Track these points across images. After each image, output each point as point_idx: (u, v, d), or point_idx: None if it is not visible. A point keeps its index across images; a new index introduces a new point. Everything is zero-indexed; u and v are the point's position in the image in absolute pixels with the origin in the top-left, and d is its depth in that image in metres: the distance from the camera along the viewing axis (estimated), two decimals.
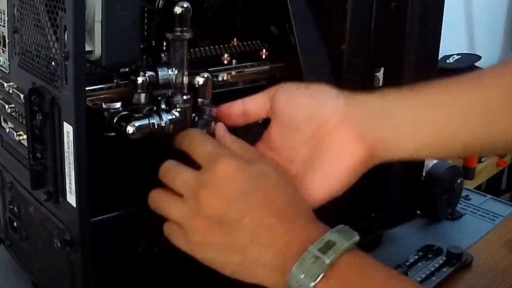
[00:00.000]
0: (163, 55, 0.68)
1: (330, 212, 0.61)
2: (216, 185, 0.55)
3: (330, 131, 0.59)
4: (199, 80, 0.62)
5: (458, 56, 1.92)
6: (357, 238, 0.54)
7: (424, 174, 0.93)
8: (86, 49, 0.56)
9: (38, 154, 0.61)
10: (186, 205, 0.56)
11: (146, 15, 0.66)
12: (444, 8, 0.79)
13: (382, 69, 0.77)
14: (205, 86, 0.62)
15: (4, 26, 0.65)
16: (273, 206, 0.55)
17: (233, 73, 0.73)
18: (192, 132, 0.61)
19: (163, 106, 0.63)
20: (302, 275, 0.51)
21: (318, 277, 0.51)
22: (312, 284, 0.51)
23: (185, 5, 0.60)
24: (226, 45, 0.74)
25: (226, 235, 0.54)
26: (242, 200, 0.54)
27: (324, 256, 0.51)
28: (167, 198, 0.58)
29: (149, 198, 0.60)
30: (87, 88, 0.58)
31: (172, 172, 0.59)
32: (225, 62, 0.73)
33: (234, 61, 0.73)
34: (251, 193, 0.55)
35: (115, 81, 0.64)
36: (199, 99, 0.62)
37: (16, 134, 0.65)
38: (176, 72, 0.62)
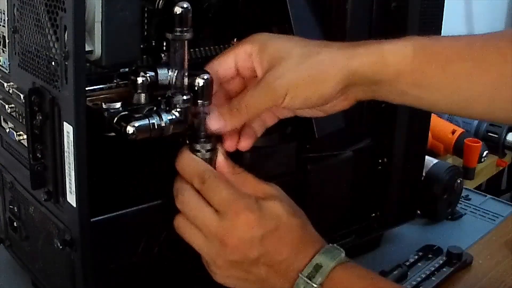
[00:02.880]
0: (163, 55, 0.68)
1: (331, 212, 0.61)
2: (238, 234, 0.60)
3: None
4: (199, 81, 0.62)
5: None
6: (342, 256, 0.61)
7: (424, 174, 0.93)
8: (86, 49, 0.56)
9: (38, 154, 0.61)
10: (208, 243, 0.62)
11: (146, 15, 0.66)
12: (444, 8, 0.79)
13: None
14: (205, 88, 0.62)
15: (4, 26, 0.65)
16: (285, 242, 0.61)
17: None
18: (203, 174, 0.62)
19: (163, 106, 0.62)
20: None
21: None
22: None
23: (185, 5, 0.60)
24: (226, 45, 0.74)
25: (245, 272, 0.62)
26: (259, 244, 0.60)
27: (312, 281, 0.59)
28: (192, 231, 0.62)
29: (175, 223, 0.63)
30: (87, 88, 0.58)
31: (193, 209, 0.62)
32: None
33: None
34: (267, 236, 0.61)
35: (115, 81, 0.64)
36: (199, 101, 0.62)
37: (16, 134, 0.65)
38: (176, 72, 0.62)
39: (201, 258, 0.64)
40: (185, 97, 0.62)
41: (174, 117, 0.62)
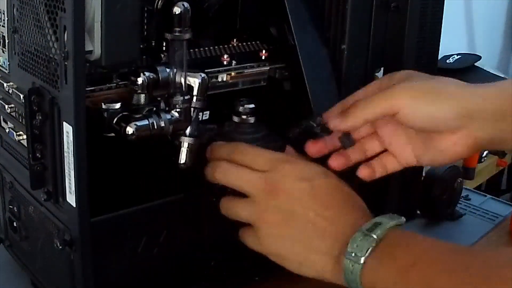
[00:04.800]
0: (163, 55, 0.68)
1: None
2: (287, 184, 0.61)
3: None
4: (195, 80, 0.62)
5: (458, 56, 1.92)
6: (403, 219, 0.59)
7: (424, 174, 0.92)
8: (86, 49, 0.56)
9: (38, 154, 0.61)
10: (256, 203, 0.61)
11: (146, 15, 0.66)
12: (444, 8, 0.79)
13: (382, 69, 0.77)
14: (201, 87, 0.62)
15: (4, 26, 0.65)
16: (333, 200, 0.61)
17: (232, 74, 0.73)
18: (241, 146, 0.64)
19: (162, 106, 0.63)
20: (353, 254, 0.56)
21: (367, 251, 0.56)
22: (363, 258, 0.56)
23: (184, 5, 0.60)
24: (225, 46, 0.74)
25: (293, 228, 0.60)
26: (309, 196, 0.60)
27: (371, 233, 0.57)
28: (237, 201, 0.63)
29: (221, 207, 0.64)
30: (87, 88, 0.58)
31: (235, 173, 0.63)
32: (225, 62, 0.73)
33: (233, 61, 0.73)
34: (316, 189, 0.61)
35: (114, 81, 0.64)
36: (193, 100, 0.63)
37: (16, 134, 0.65)
38: (175, 73, 0.62)
39: (242, 233, 0.63)
40: (184, 97, 0.62)
41: (173, 117, 0.62)
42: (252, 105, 0.70)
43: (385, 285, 0.55)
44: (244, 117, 0.70)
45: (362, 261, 0.56)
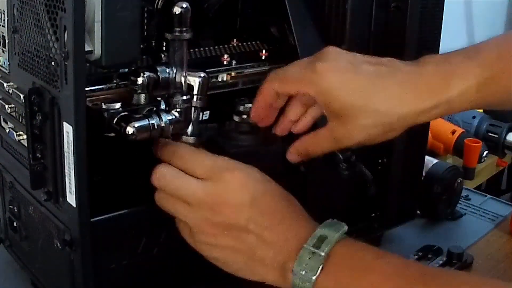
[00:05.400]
0: (163, 55, 0.68)
1: (331, 212, 0.61)
2: (227, 195, 0.59)
3: None
4: (195, 80, 0.62)
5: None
6: (345, 228, 0.59)
7: (424, 174, 0.92)
8: (86, 49, 0.56)
9: (38, 154, 0.61)
10: (193, 212, 0.60)
11: (146, 15, 0.66)
12: (444, 8, 0.79)
13: None
14: (201, 86, 0.62)
15: (4, 26, 0.65)
16: (274, 209, 0.60)
17: (232, 73, 0.73)
18: (181, 151, 0.62)
19: (162, 106, 0.63)
20: (303, 272, 0.56)
21: (317, 270, 0.56)
22: (314, 277, 0.56)
23: (184, 6, 0.60)
24: (226, 46, 0.74)
25: (233, 239, 0.59)
26: (249, 207, 0.59)
27: (319, 250, 0.56)
28: (174, 202, 0.61)
29: (157, 198, 0.62)
30: (87, 88, 0.58)
31: (173, 181, 0.61)
32: (225, 62, 0.73)
33: (234, 61, 0.73)
34: (257, 199, 0.60)
35: (114, 81, 0.64)
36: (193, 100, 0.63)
37: (16, 134, 0.65)
38: (175, 73, 0.62)
39: (184, 233, 0.62)
40: (184, 97, 0.62)
41: (173, 117, 0.62)
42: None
43: None
44: (244, 116, 0.69)
45: (313, 280, 0.56)
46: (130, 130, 0.59)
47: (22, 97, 0.62)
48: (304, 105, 0.68)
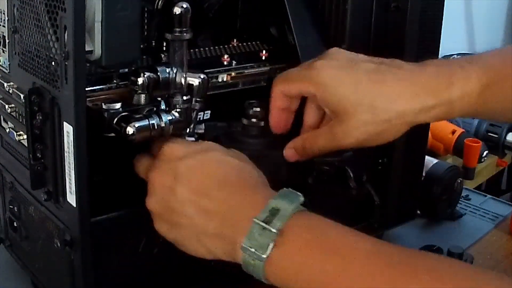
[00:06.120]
0: (163, 55, 0.68)
1: (331, 212, 0.61)
2: (162, 167, 0.58)
3: None
4: (195, 81, 0.62)
5: (458, 56, 1.91)
6: (301, 199, 0.55)
7: (424, 174, 0.93)
8: (86, 49, 0.56)
9: (38, 154, 0.61)
10: (149, 198, 0.59)
11: (146, 15, 0.66)
12: (444, 8, 0.79)
13: None
14: (201, 87, 0.62)
15: (4, 26, 0.65)
16: (215, 177, 0.57)
17: (232, 74, 0.73)
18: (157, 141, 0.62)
19: (162, 106, 0.63)
20: (253, 249, 0.52)
21: (267, 248, 0.52)
22: (264, 256, 0.52)
23: (184, 6, 0.60)
24: (226, 46, 0.74)
25: (176, 214, 0.57)
26: (185, 175, 0.57)
27: (269, 226, 0.52)
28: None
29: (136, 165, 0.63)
30: (87, 88, 0.58)
31: (139, 169, 0.62)
32: (225, 63, 0.73)
33: (234, 62, 0.73)
34: (193, 167, 0.57)
35: (115, 81, 0.64)
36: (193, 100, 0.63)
37: (16, 134, 0.65)
38: (175, 73, 0.62)
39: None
40: (184, 98, 0.62)
41: (174, 117, 0.62)
42: (262, 109, 0.69)
43: (290, 274, 0.52)
44: (253, 120, 0.69)
45: (264, 257, 0.52)
46: (130, 130, 0.59)
47: (22, 97, 0.62)
48: (319, 108, 0.67)
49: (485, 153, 1.32)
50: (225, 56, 0.73)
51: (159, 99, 0.63)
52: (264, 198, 0.54)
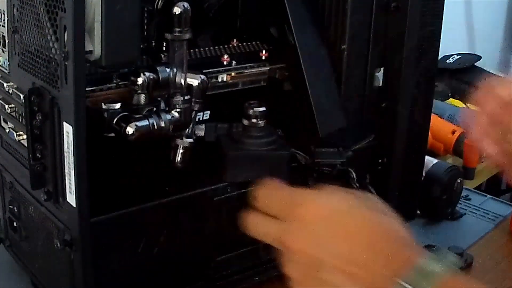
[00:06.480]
0: (163, 55, 0.68)
1: None
2: (296, 231, 0.53)
3: None
4: (194, 81, 0.62)
5: (458, 56, 1.91)
6: (451, 258, 0.51)
7: (424, 174, 0.92)
8: (86, 49, 0.56)
9: (38, 154, 0.61)
10: (288, 260, 0.54)
11: (146, 15, 0.66)
12: (444, 8, 0.79)
13: (382, 69, 0.77)
14: (200, 88, 0.62)
15: (4, 26, 0.65)
16: (362, 240, 0.52)
17: (232, 74, 0.73)
18: (258, 192, 0.56)
19: (162, 106, 0.63)
20: None
21: None
22: None
23: (184, 6, 0.60)
24: (226, 46, 0.74)
25: (322, 282, 0.52)
26: (331, 243, 0.52)
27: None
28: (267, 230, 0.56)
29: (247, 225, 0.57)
30: (87, 88, 0.58)
31: (253, 223, 0.56)
32: (225, 63, 0.73)
33: (233, 62, 0.73)
34: (337, 233, 0.53)
35: (115, 81, 0.64)
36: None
37: (16, 134, 0.65)
38: (175, 73, 0.62)
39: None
40: (184, 98, 0.62)
41: (173, 117, 0.62)
42: (263, 108, 0.68)
43: None
44: (254, 120, 0.68)
45: None
46: (130, 130, 0.59)
47: (22, 97, 0.62)
48: None
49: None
50: (225, 56, 0.73)
51: (159, 99, 0.63)
52: (409, 258, 0.50)
